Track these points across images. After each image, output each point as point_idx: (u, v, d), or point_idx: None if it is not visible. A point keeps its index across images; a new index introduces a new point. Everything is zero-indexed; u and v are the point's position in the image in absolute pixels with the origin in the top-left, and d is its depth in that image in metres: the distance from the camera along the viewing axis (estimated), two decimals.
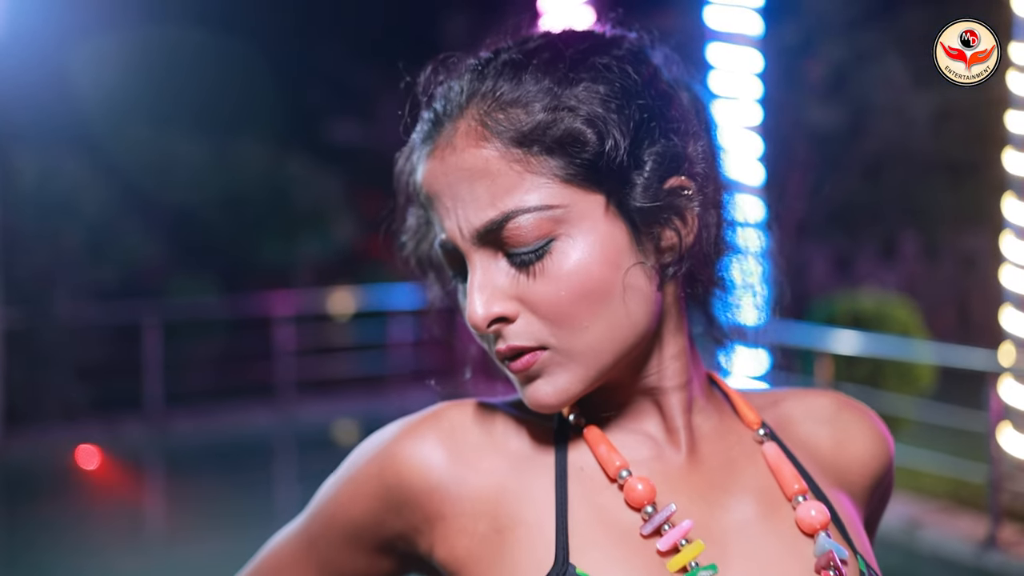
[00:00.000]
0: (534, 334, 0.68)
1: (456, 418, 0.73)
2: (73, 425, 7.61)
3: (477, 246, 0.68)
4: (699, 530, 0.70)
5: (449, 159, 0.68)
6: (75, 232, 8.50)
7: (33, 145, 8.31)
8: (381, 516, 0.74)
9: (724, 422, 0.76)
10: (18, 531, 5.64)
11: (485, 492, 0.71)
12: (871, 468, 0.79)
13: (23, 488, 6.62)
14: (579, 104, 0.67)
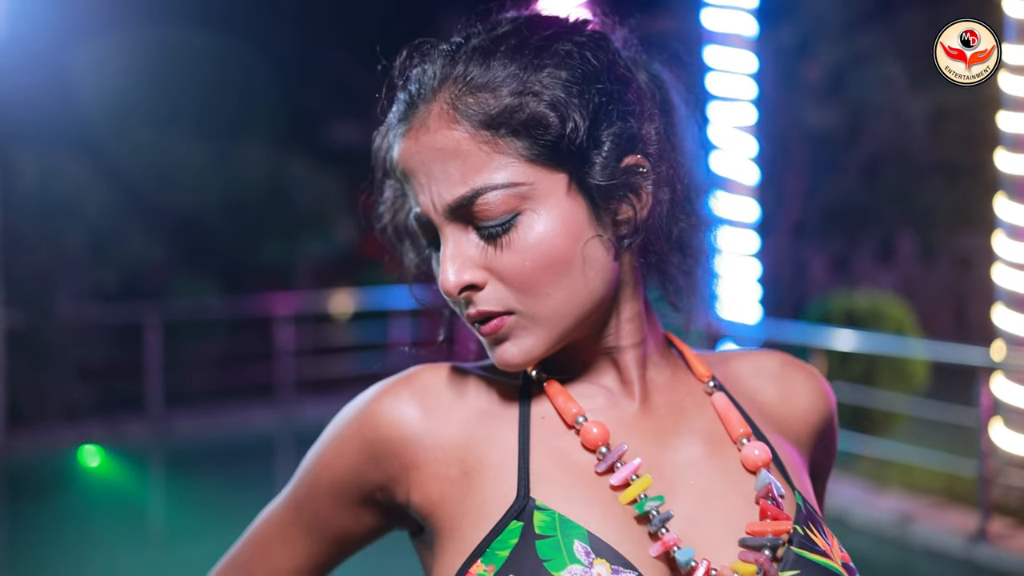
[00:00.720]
0: (501, 300, 0.74)
1: (429, 378, 0.80)
2: (75, 424, 7.65)
3: (449, 220, 0.74)
4: (649, 468, 0.76)
5: (423, 139, 0.74)
6: (77, 233, 8.54)
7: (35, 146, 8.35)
8: (362, 469, 0.80)
9: (677, 376, 0.82)
10: (21, 529, 5.69)
11: (455, 441, 0.77)
12: (812, 419, 0.85)
13: (26, 487, 6.66)
14: (543, 89, 0.72)
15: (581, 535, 0.71)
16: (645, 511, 0.72)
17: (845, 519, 5.12)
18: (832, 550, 0.76)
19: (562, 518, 0.72)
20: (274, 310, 8.56)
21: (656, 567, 0.71)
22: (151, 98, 9.20)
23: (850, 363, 5.85)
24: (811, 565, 0.73)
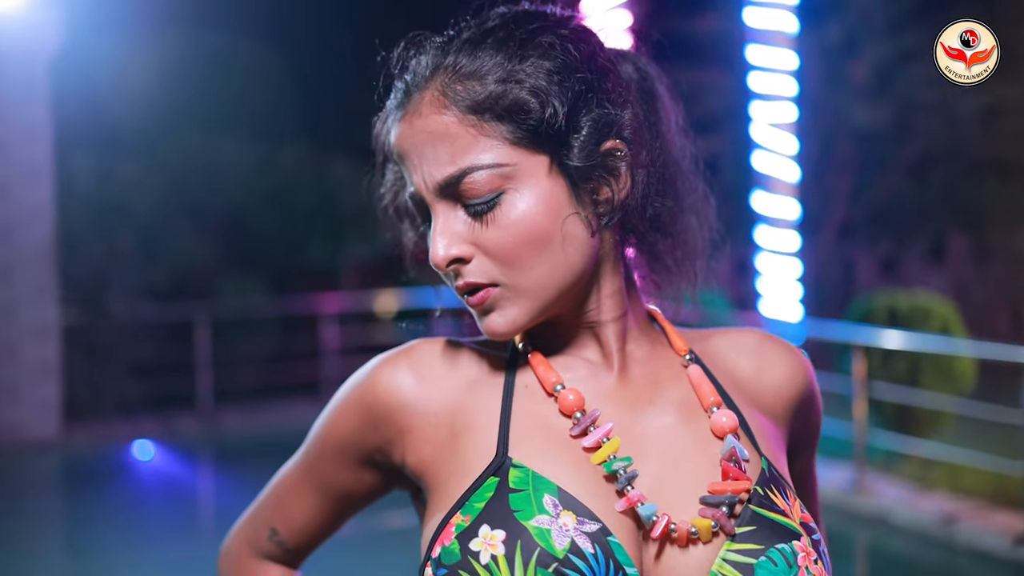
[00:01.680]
0: (487, 273, 0.80)
1: (425, 350, 0.87)
2: (129, 419, 7.86)
3: (439, 198, 0.80)
4: (622, 433, 0.81)
5: (416, 123, 0.80)
6: (130, 234, 8.77)
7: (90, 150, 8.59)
8: (361, 433, 0.87)
9: (656, 349, 0.87)
10: (78, 519, 5.87)
11: (445, 407, 0.84)
12: (788, 393, 0.89)
13: (82, 478, 6.87)
14: (526, 78, 0.78)
15: (551, 489, 0.77)
16: (613, 470, 0.78)
17: (888, 519, 5.08)
18: (792, 510, 0.79)
19: (535, 475, 0.78)
20: (320, 309, 8.69)
21: (621, 521, 0.77)
22: (202, 102, 9.40)
23: (894, 362, 5.79)
24: (767, 522, 0.77)
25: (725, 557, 0.76)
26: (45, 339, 7.43)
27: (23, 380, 7.32)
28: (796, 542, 0.77)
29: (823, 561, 0.79)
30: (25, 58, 7.28)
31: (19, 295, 7.31)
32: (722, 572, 0.75)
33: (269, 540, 0.96)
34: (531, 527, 0.75)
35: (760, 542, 0.76)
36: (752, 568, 0.75)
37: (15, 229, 7.30)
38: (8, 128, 7.24)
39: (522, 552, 0.74)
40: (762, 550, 0.76)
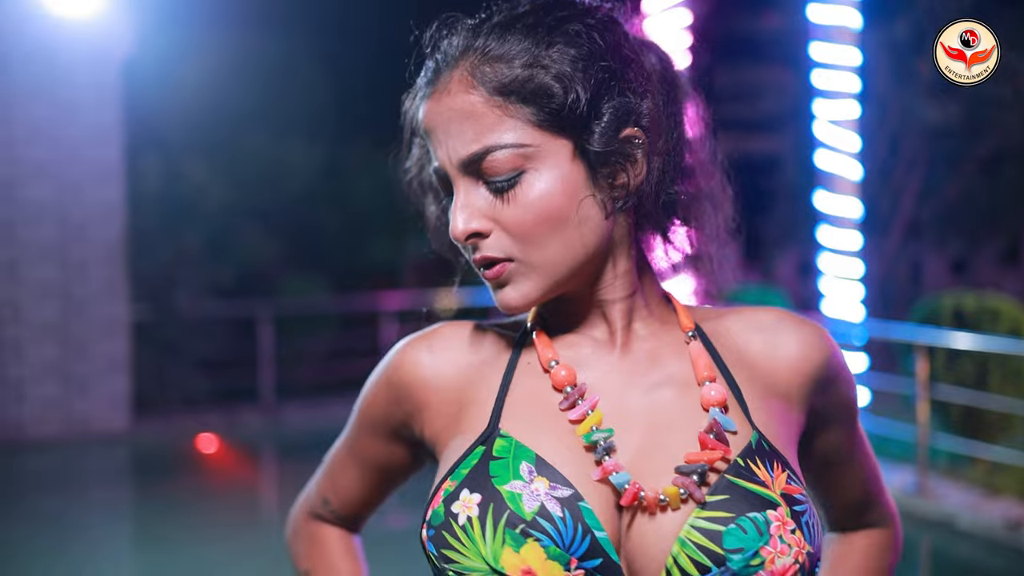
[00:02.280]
0: (503, 248, 0.83)
1: (446, 332, 0.92)
2: (194, 413, 8.07)
3: (462, 173, 0.83)
4: (613, 406, 0.84)
5: (444, 101, 0.83)
6: (196, 233, 8.99)
7: (160, 151, 8.84)
8: (389, 409, 0.94)
9: (664, 327, 0.89)
10: (145, 509, 6.05)
11: (457, 384, 0.89)
12: (804, 368, 0.88)
13: (151, 469, 7.07)
14: (552, 63, 0.81)
15: (530, 457, 0.81)
16: (592, 441, 0.81)
17: (953, 523, 4.96)
18: (774, 482, 0.80)
19: (517, 444, 0.82)
20: (380, 307, 8.80)
21: (597, 489, 0.80)
22: (268, 104, 9.60)
23: (960, 365, 5.65)
24: (741, 491, 0.79)
25: (694, 524, 0.77)
26: (115, 334, 7.66)
27: (94, 374, 7.56)
28: (771, 511, 0.78)
29: (805, 531, 0.79)
30: (97, 62, 7.52)
31: (91, 292, 7.55)
32: (690, 538, 0.77)
33: (324, 509, 1.04)
34: (504, 491, 0.79)
35: (731, 510, 0.78)
36: (720, 535, 0.77)
37: (88, 228, 7.55)
38: (81, 130, 7.49)
39: (493, 514, 0.78)
40: (732, 518, 0.77)
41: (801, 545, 0.78)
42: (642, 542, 0.79)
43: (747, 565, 0.76)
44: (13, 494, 6.26)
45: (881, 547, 1.01)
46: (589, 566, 0.77)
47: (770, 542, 0.77)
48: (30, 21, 7.31)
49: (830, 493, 0.99)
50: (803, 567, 0.78)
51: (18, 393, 7.32)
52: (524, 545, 0.77)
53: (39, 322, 7.40)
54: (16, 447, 7.15)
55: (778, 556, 0.77)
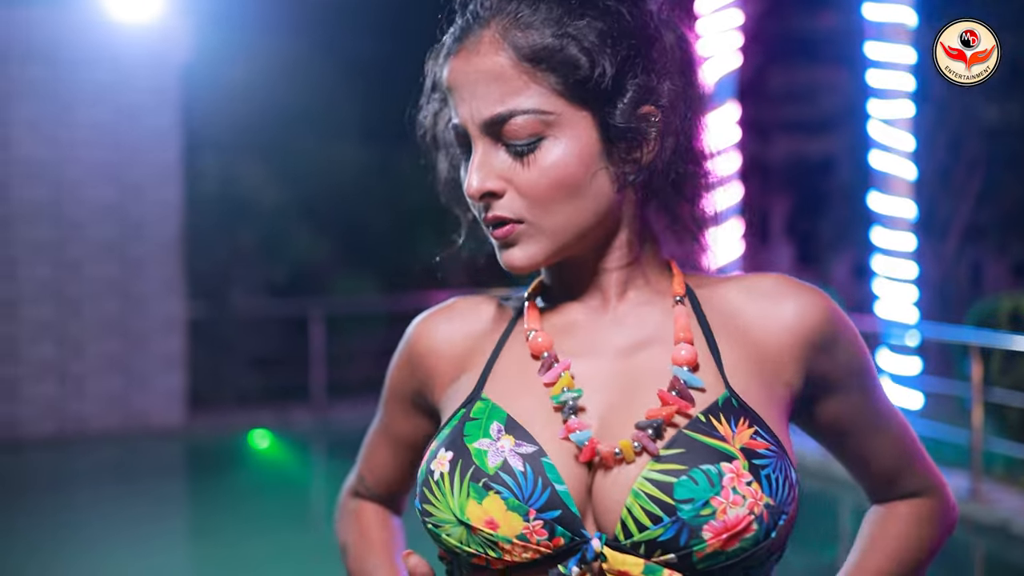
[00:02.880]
0: (515, 209, 0.85)
1: (458, 305, 0.98)
2: (247, 409, 8.23)
3: (482, 133, 0.85)
4: (589, 369, 0.87)
5: (472, 60, 0.85)
6: (251, 232, 9.17)
7: (216, 152, 9.03)
8: (407, 380, 0.99)
9: (657, 295, 0.91)
10: (199, 503, 6.19)
11: (462, 353, 0.95)
12: (800, 330, 0.88)
13: (204, 464, 7.23)
14: (581, 36, 0.83)
15: (501, 418, 0.85)
16: (561, 402, 0.85)
17: (1008, 529, 4.85)
18: (734, 437, 0.81)
19: (494, 406, 0.86)
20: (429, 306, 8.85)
21: (562, 447, 0.83)
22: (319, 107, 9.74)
23: (1016, 367, 5.52)
24: (697, 445, 0.80)
25: (647, 476, 0.79)
26: (172, 331, 7.85)
27: (152, 370, 7.75)
28: (726, 464, 0.79)
29: (764, 484, 0.79)
30: (157, 67, 7.72)
31: (149, 289, 7.75)
32: (643, 490, 0.79)
33: (362, 487, 1.10)
34: (472, 448, 0.83)
35: (684, 463, 0.79)
36: (672, 486, 0.78)
37: (146, 227, 7.75)
38: (141, 132, 7.70)
39: (461, 469, 0.83)
40: (685, 470, 0.79)
41: (757, 496, 0.78)
42: (602, 495, 0.81)
43: (697, 515, 0.78)
44: (75, 484, 6.45)
45: (923, 516, 0.98)
46: (548, 517, 0.80)
47: (721, 493, 0.78)
48: (93, 27, 7.53)
49: (859, 463, 0.97)
50: (760, 518, 0.78)
51: (79, 388, 7.54)
52: (486, 497, 0.81)
53: (100, 319, 7.61)
54: (78, 440, 7.36)
55: (730, 507, 0.78)
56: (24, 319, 7.39)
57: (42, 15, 7.40)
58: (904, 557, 0.96)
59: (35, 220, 7.42)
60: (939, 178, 9.37)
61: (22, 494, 6.19)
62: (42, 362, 7.43)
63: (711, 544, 0.78)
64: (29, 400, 7.39)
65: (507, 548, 0.80)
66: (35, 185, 7.41)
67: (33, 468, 6.90)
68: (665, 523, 0.78)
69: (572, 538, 0.80)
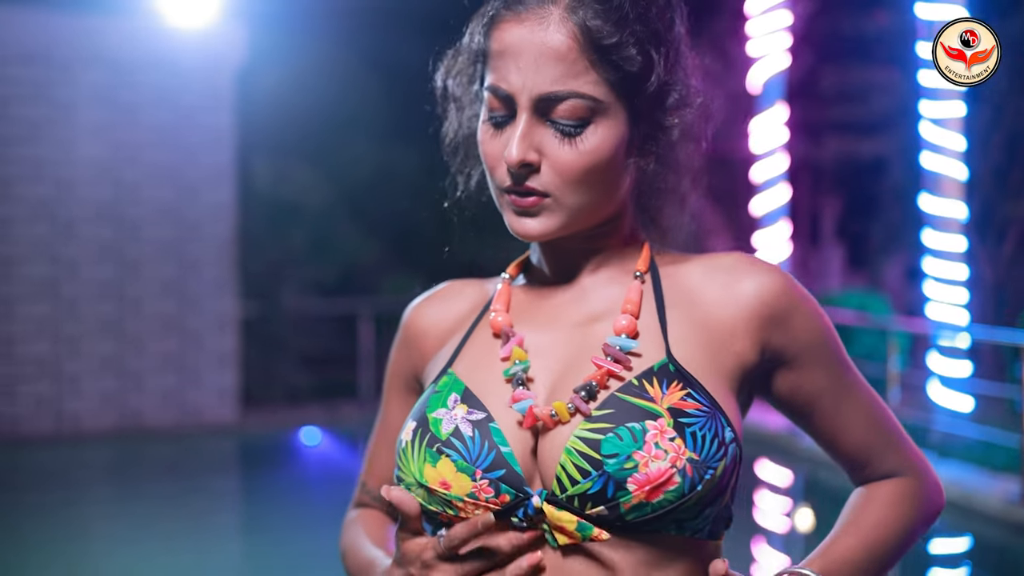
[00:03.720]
0: (545, 184, 0.90)
1: (448, 288, 1.06)
2: (297, 407, 8.37)
3: (532, 105, 0.89)
4: (545, 342, 0.94)
5: (538, 33, 0.88)
6: (302, 232, 9.32)
7: (268, 153, 9.21)
8: (404, 363, 1.06)
9: (624, 271, 0.97)
10: (251, 498, 6.32)
11: (446, 333, 1.02)
12: (753, 304, 0.93)
13: (256, 460, 7.38)
14: (641, 36, 0.90)
15: (459, 389, 0.92)
16: (510, 374, 0.92)
17: None
18: (663, 398, 0.86)
19: (456, 379, 0.94)
20: None
21: (511, 414, 0.90)
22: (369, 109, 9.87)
23: None
24: (626, 405, 0.86)
25: (579, 434, 0.86)
26: (225, 330, 8.02)
27: (206, 368, 7.94)
28: (650, 421, 0.84)
29: (689, 440, 0.84)
30: (213, 70, 7.91)
31: (204, 289, 7.93)
32: (575, 447, 0.85)
33: (362, 494, 1.13)
34: (431, 417, 0.91)
35: (612, 421, 0.85)
36: (599, 443, 0.84)
37: (201, 227, 7.94)
38: (197, 134, 7.89)
39: (419, 436, 0.91)
40: (612, 428, 0.85)
41: (680, 451, 0.83)
42: (544, 455, 0.88)
43: (621, 468, 0.83)
44: (133, 478, 6.63)
45: (900, 497, 0.98)
46: (493, 476, 0.87)
47: (644, 447, 0.83)
48: (152, 33, 7.74)
49: (828, 441, 0.99)
50: (683, 471, 0.83)
51: (137, 384, 7.75)
52: (439, 461, 0.88)
53: (158, 316, 7.82)
54: (136, 435, 7.57)
55: (652, 460, 0.83)
56: (86, 317, 7.62)
57: (104, 23, 7.63)
58: (878, 537, 0.96)
59: (98, 221, 7.65)
60: (995, 179, 9.19)
61: (86, 487, 6.39)
62: (101, 358, 7.66)
63: (636, 495, 0.83)
64: (89, 395, 7.62)
65: (460, 506, 0.87)
66: (98, 186, 7.64)
67: (91, 461, 7.10)
68: (593, 476, 0.84)
69: (516, 495, 0.86)
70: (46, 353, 7.50)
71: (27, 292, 7.46)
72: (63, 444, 7.30)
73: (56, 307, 7.54)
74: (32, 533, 5.13)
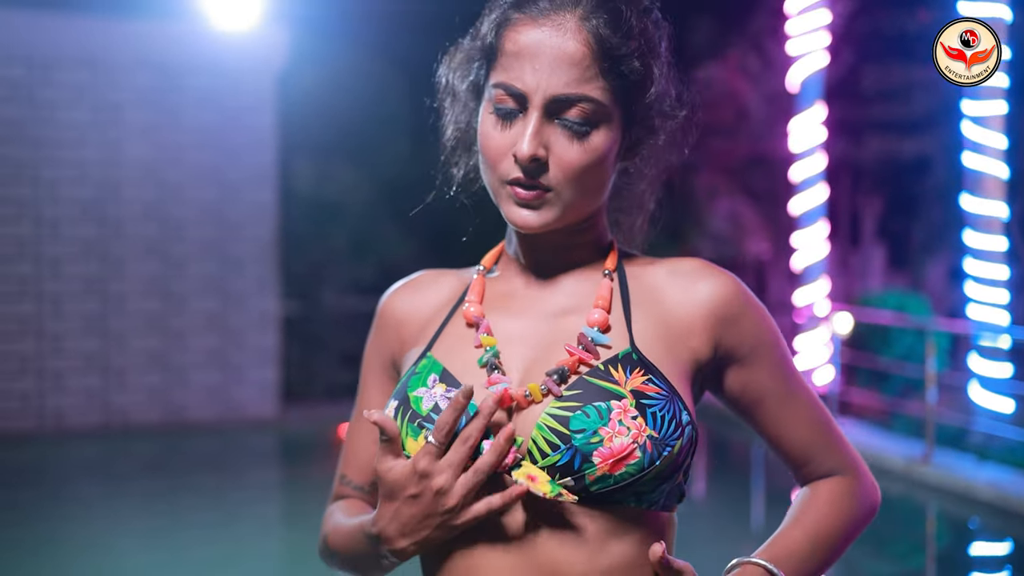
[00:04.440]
0: (549, 179, 0.97)
1: (422, 277, 1.12)
2: (336, 403, 8.48)
3: (543, 105, 0.95)
4: (516, 331, 1.01)
5: (555, 38, 0.95)
6: (342, 232, 9.44)
7: (310, 154, 9.34)
8: (382, 349, 1.11)
9: (594, 269, 1.05)
10: (292, 491, 6.44)
11: (423, 320, 1.08)
12: (708, 305, 1.01)
13: (297, 454, 7.51)
14: (647, 56, 0.98)
15: (438, 370, 0.99)
16: (484, 363, 0.99)
17: None
18: (626, 382, 0.94)
19: (434, 362, 1.01)
20: None
21: (485, 394, 0.95)
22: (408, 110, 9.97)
23: None
24: (593, 387, 0.94)
25: (549, 412, 0.94)
26: (267, 327, 8.17)
27: (248, 364, 8.09)
28: (615, 401, 0.93)
29: (649, 419, 0.92)
30: (255, 72, 8.06)
31: (246, 287, 8.09)
32: (546, 423, 0.93)
33: (343, 487, 1.14)
34: (412, 396, 0.98)
35: (580, 400, 0.93)
36: (568, 419, 0.92)
37: (244, 227, 8.09)
38: (240, 136, 8.04)
39: (401, 413, 0.98)
40: (580, 406, 0.93)
41: (641, 428, 0.91)
42: (520, 428, 0.95)
43: (588, 442, 0.91)
44: (178, 472, 6.79)
45: (840, 495, 1.04)
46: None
47: (608, 424, 0.91)
48: (198, 36, 7.91)
49: (773, 439, 1.06)
50: (644, 447, 0.91)
51: (182, 379, 7.92)
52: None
53: (202, 313, 7.99)
54: (182, 429, 7.74)
55: (616, 436, 0.91)
56: (132, 313, 7.81)
57: (151, 27, 7.81)
58: (819, 531, 1.02)
59: (144, 220, 7.83)
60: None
61: (131, 478, 6.56)
62: (148, 353, 7.84)
63: (600, 468, 0.91)
64: (135, 389, 7.80)
65: None
66: (143, 187, 7.82)
67: (138, 454, 7.28)
68: (562, 449, 0.92)
69: None
70: (95, 348, 7.69)
71: (76, 290, 7.66)
72: (110, 436, 7.48)
73: (104, 304, 7.74)
74: (71, 522, 5.29)
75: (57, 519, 5.41)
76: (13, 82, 7.52)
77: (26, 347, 7.55)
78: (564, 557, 0.93)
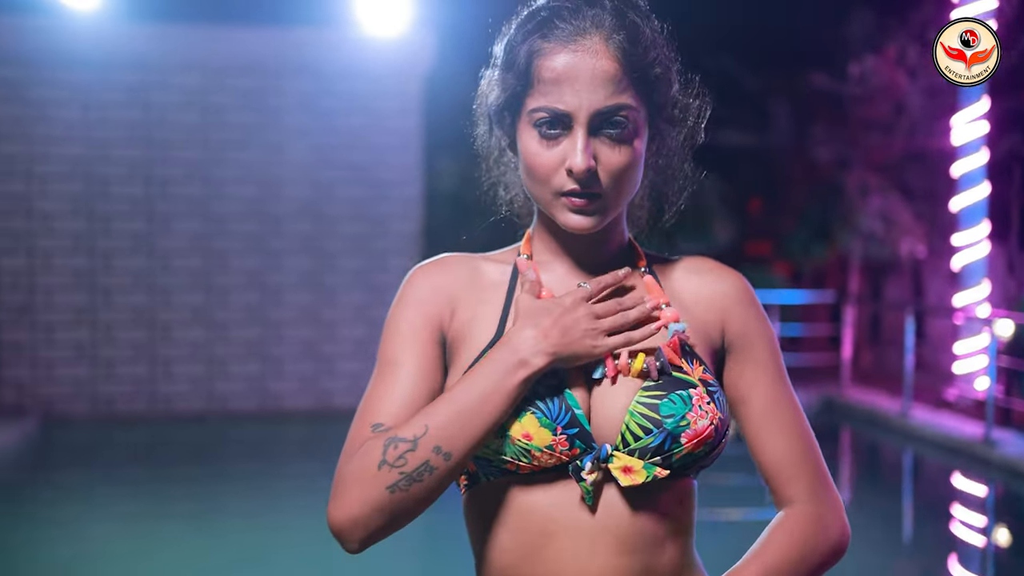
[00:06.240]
0: (599, 185, 1.07)
1: (449, 259, 1.17)
2: None
3: (588, 121, 1.05)
4: None
5: (588, 60, 1.04)
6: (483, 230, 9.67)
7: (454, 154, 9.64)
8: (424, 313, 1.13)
9: (625, 261, 1.17)
10: None
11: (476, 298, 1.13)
12: (721, 299, 1.16)
13: None
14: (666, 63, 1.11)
15: None
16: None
17: None
18: (693, 371, 1.09)
19: None
20: None
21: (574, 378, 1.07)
22: None
23: None
24: (670, 377, 1.07)
25: (639, 399, 1.06)
26: None
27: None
28: (693, 390, 1.06)
29: (717, 404, 1.07)
30: (403, 76, 8.41)
31: (391, 280, 8.44)
32: (637, 410, 1.06)
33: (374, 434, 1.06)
34: None
35: (663, 389, 1.06)
36: (658, 406, 1.05)
37: (390, 222, 8.46)
38: (388, 136, 8.42)
39: None
40: (665, 395, 1.06)
41: (715, 412, 1.06)
42: (604, 414, 1.07)
43: (677, 426, 1.04)
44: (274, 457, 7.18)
45: (805, 527, 1.09)
46: (570, 432, 1.04)
47: (693, 409, 1.05)
48: (350, 42, 8.34)
49: (754, 442, 1.14)
50: (717, 428, 1.06)
51: (330, 369, 8.37)
52: (525, 416, 1.04)
53: (350, 306, 8.42)
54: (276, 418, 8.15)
55: (699, 419, 1.05)
56: (287, 304, 8.32)
57: (308, 35, 8.29)
58: (775, 563, 1.06)
59: (300, 217, 8.33)
60: None
61: (231, 462, 6.99)
62: (302, 343, 8.33)
63: (686, 447, 1.05)
64: (289, 377, 8.31)
65: (537, 455, 1.04)
66: (300, 186, 8.32)
67: (238, 440, 7.70)
68: (654, 433, 1.04)
69: (585, 448, 1.05)
70: (255, 336, 8.24)
71: (239, 283, 8.24)
72: (209, 425, 7.95)
73: (263, 295, 8.28)
74: (180, 502, 5.74)
75: (223, 495, 5.84)
76: (189, 89, 8.16)
77: (141, 336, 8.17)
78: (642, 525, 1.06)
